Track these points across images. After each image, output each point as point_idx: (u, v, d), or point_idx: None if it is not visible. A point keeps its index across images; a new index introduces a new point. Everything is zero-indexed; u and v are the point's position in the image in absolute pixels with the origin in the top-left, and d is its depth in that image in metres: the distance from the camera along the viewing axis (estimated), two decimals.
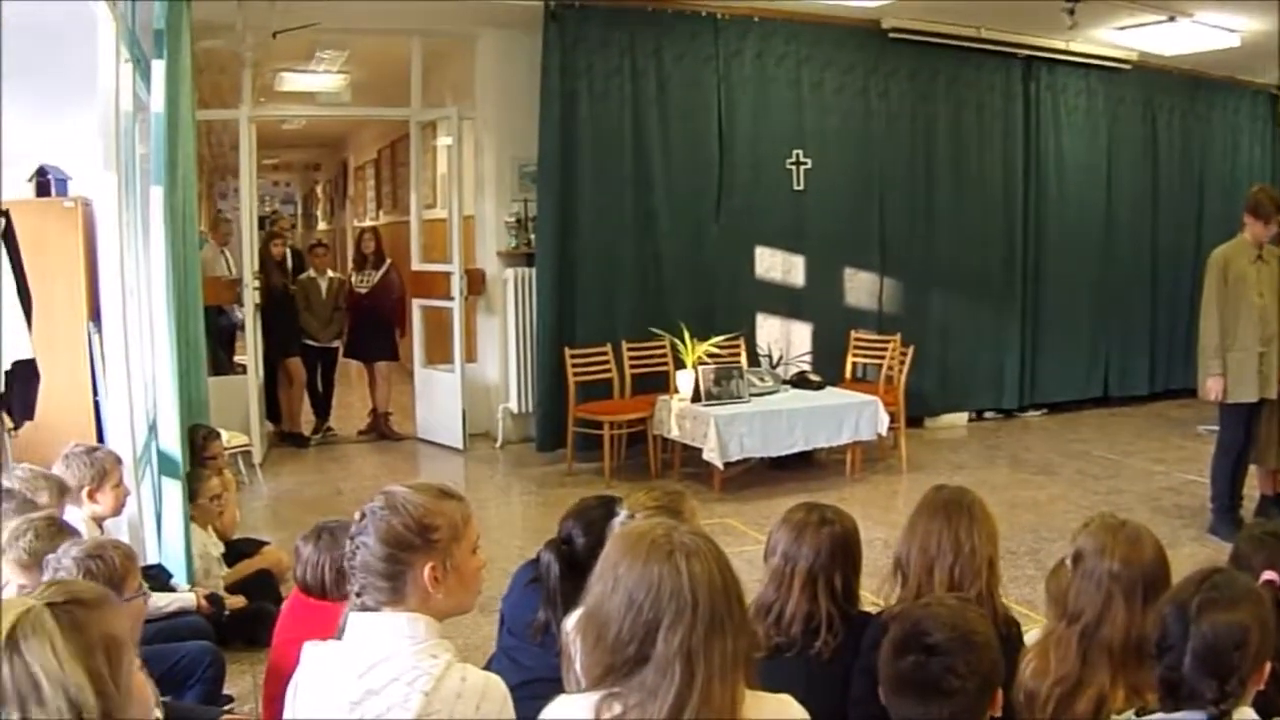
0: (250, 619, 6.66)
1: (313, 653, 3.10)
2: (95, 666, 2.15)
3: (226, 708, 5.36)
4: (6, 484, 4.94)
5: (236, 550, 7.56)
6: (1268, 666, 3.01)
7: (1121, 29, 13.19)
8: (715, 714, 2.50)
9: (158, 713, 4.02)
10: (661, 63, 12.10)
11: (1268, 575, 3.84)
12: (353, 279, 13.42)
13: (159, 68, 7.20)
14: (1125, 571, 3.58)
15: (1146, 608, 3.44)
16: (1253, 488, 9.57)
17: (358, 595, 3.05)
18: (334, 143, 24.89)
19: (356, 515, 3.10)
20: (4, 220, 6.16)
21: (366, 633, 2.99)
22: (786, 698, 2.80)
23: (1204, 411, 10.72)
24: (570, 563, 4.28)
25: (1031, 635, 4.08)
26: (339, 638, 3.17)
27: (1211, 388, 9.02)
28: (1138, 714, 3.13)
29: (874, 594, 4.50)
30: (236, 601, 6.83)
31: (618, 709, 2.55)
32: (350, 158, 23.74)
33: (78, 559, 4.05)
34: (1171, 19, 12.32)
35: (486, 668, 3.83)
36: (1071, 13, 11.63)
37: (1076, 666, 3.56)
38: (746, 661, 2.64)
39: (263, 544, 7.81)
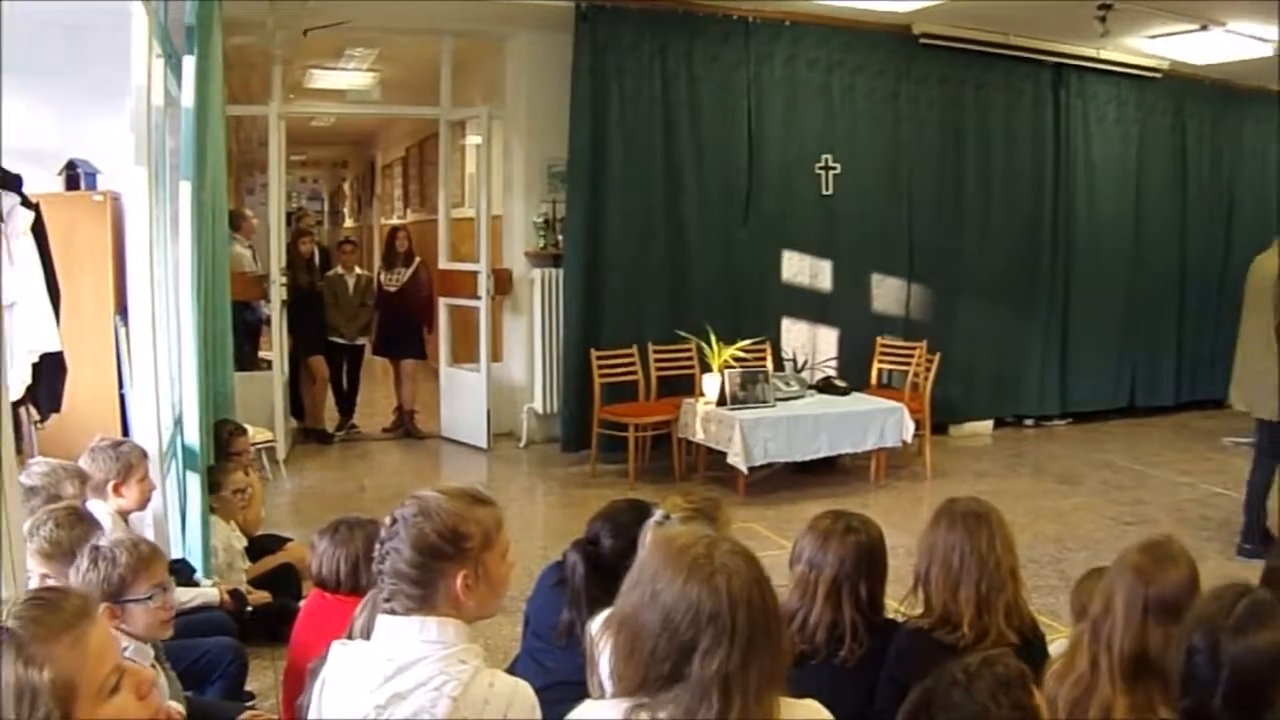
0: (273, 615, 6.67)
1: (340, 653, 3.09)
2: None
3: (249, 704, 5.36)
4: (27, 482, 4.94)
5: (260, 546, 7.60)
6: None
7: (1153, 37, 13.15)
8: None
9: (180, 708, 4.02)
10: (692, 65, 12.08)
11: None
12: (381, 277, 13.40)
13: (190, 63, 7.22)
14: (1147, 589, 3.53)
15: (1165, 626, 3.41)
16: None
17: (387, 600, 3.02)
18: (362, 140, 24.96)
19: (387, 520, 3.07)
20: (34, 213, 6.17)
21: (395, 637, 2.97)
22: (813, 703, 2.78)
23: (1231, 423, 10.72)
24: (596, 564, 4.28)
25: (1056, 646, 4.07)
26: (351, 635, 3.16)
27: None
28: None
29: (898, 602, 4.47)
30: (261, 597, 6.87)
31: (645, 718, 2.54)
32: (378, 155, 23.79)
33: (92, 548, 4.07)
34: (1204, 28, 12.26)
35: (510, 670, 3.84)
36: (1103, 20, 11.57)
37: (1088, 670, 3.53)
38: (784, 673, 2.61)
39: (286, 540, 7.85)
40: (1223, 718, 2.88)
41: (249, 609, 6.60)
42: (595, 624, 3.59)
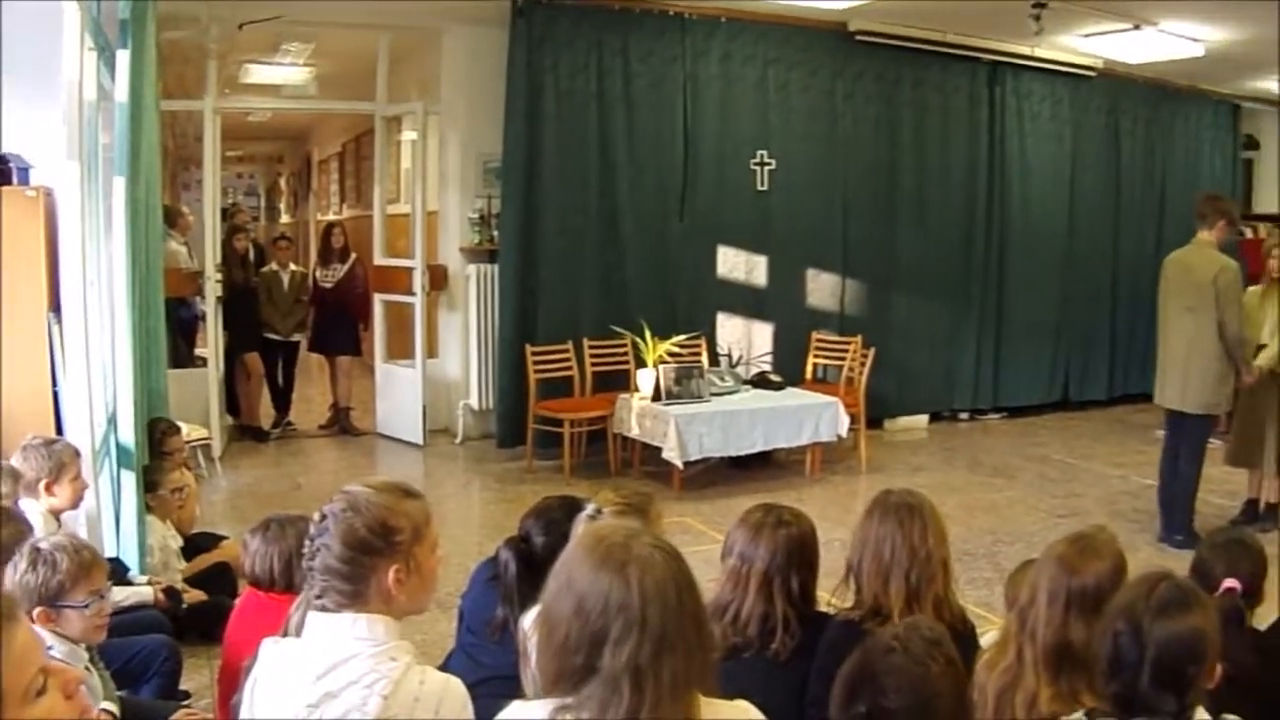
0: (208, 613, 6.63)
1: (271, 651, 3.07)
2: None
3: (185, 703, 5.33)
4: None
5: (194, 545, 7.55)
6: (1218, 668, 3.03)
7: (1087, 36, 13.28)
8: None
9: (113, 708, 4.01)
10: (628, 61, 12.10)
11: (1229, 583, 3.92)
12: (317, 273, 13.34)
13: (123, 58, 7.17)
14: (1069, 580, 3.60)
15: (1088, 618, 3.48)
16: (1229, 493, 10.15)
17: (318, 597, 3.00)
18: (298, 135, 24.77)
19: (316, 516, 3.05)
20: None
21: (326, 634, 2.96)
22: (743, 704, 2.78)
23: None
24: (528, 561, 4.28)
25: (988, 637, 4.11)
26: (286, 633, 3.15)
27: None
28: (1088, 715, 3.12)
29: (830, 593, 4.48)
30: (195, 596, 6.83)
31: (569, 719, 2.54)
32: (314, 151, 23.57)
33: (33, 549, 4.04)
34: (1136, 27, 12.38)
35: (444, 665, 3.84)
36: (1037, 19, 11.66)
37: (1015, 661, 3.60)
38: (704, 674, 2.60)
39: (221, 538, 7.80)
40: (1150, 697, 2.92)
41: (183, 607, 6.57)
42: (527, 620, 3.60)
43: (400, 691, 2.86)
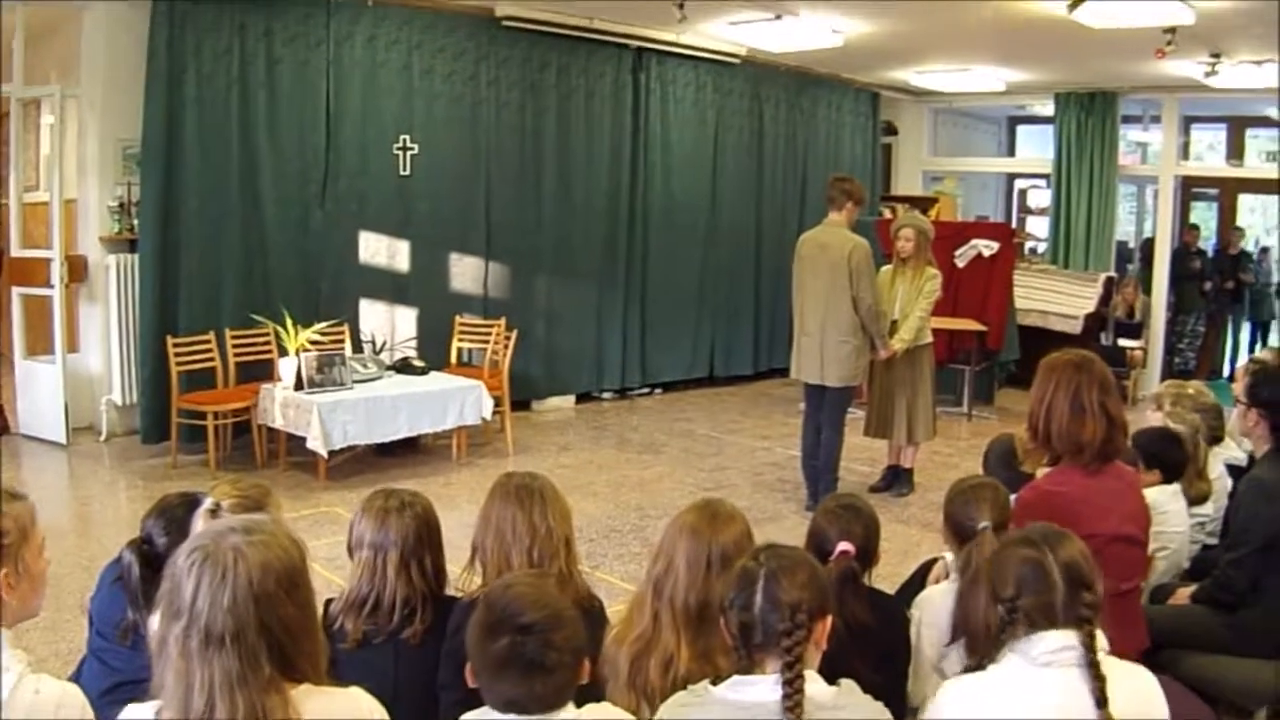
0: None
1: None
2: None
3: None
4: None
5: None
6: (829, 621, 3.19)
7: (730, 25, 13.58)
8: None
9: None
10: (272, 45, 11.94)
11: (842, 546, 4.11)
12: None
13: None
14: (710, 541, 3.79)
15: (712, 576, 3.68)
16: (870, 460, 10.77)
17: None
18: None
19: None
20: None
21: None
22: (356, 690, 2.84)
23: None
24: (151, 562, 4.21)
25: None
26: None
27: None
28: (713, 682, 3.21)
29: (460, 569, 4.52)
30: None
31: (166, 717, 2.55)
32: None
33: None
34: (778, 17, 12.69)
35: (77, 671, 3.77)
36: (681, 6, 11.92)
37: (650, 626, 3.74)
38: (301, 670, 2.65)
39: None
40: (770, 647, 3.06)
41: None
42: (154, 622, 3.57)
43: (14, 702, 2.83)
